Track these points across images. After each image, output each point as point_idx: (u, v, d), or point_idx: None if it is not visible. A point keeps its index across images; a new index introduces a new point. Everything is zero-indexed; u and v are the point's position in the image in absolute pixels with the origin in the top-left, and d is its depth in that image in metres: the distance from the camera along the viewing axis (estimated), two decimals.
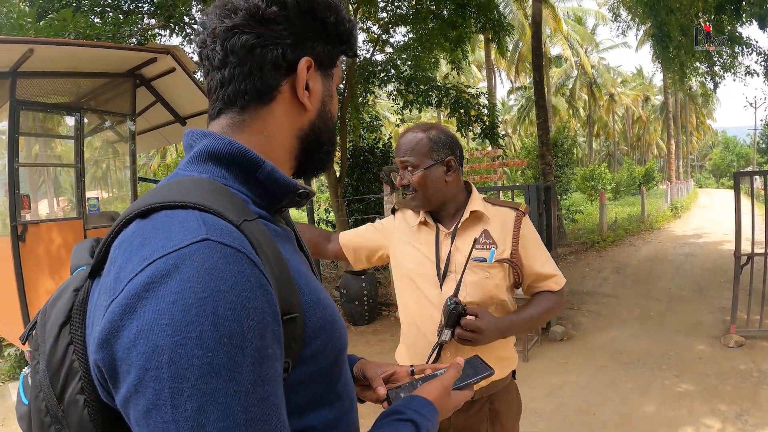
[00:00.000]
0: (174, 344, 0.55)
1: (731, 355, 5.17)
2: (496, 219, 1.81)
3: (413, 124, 1.91)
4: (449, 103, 9.63)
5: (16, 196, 4.80)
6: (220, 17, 0.77)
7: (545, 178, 10.83)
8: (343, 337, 0.79)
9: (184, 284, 0.56)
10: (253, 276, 0.61)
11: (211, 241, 0.60)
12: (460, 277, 1.69)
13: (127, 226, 0.67)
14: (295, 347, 0.69)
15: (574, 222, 16.77)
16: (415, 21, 9.73)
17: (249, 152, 0.75)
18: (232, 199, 0.70)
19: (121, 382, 0.58)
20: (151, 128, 7.17)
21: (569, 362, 5.29)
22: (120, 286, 0.59)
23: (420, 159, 1.76)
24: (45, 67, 4.92)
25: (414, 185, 1.77)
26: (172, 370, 0.54)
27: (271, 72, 0.77)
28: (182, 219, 0.63)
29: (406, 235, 1.90)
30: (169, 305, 0.56)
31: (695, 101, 49.71)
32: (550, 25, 31.59)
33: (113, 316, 0.58)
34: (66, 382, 0.67)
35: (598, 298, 7.87)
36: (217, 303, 0.56)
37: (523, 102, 45.61)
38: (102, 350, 0.58)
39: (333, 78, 0.87)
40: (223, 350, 0.56)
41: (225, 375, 0.56)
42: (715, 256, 10.97)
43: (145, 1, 8.23)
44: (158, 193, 0.68)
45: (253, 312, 0.59)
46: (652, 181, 34.91)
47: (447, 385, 0.98)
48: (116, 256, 0.64)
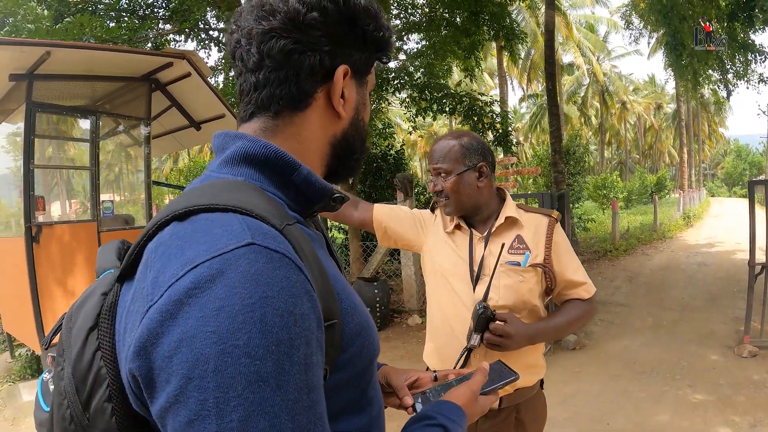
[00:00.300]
0: (220, 352, 0.53)
1: (745, 365, 5.13)
2: (529, 225, 1.84)
3: (446, 132, 1.94)
4: (463, 110, 9.64)
5: (31, 197, 4.83)
6: (257, 18, 0.75)
7: (558, 186, 10.78)
8: (376, 343, 0.78)
9: (230, 290, 0.55)
10: (299, 281, 0.59)
11: (256, 245, 0.58)
12: (489, 280, 1.72)
13: (162, 228, 0.65)
14: (333, 354, 0.67)
15: (586, 231, 16.68)
16: (428, 28, 9.78)
17: (285, 155, 0.74)
18: (271, 202, 0.69)
19: (159, 392, 0.55)
20: (165, 132, 7.21)
21: (582, 371, 5.24)
22: (159, 292, 0.57)
23: (452, 165, 1.80)
24: (61, 69, 4.96)
25: (447, 191, 1.81)
26: (217, 379, 0.53)
27: (307, 79, 0.76)
28: (225, 222, 0.61)
29: (443, 235, 1.92)
30: (215, 312, 0.54)
31: (707, 109, 49.41)
32: (563, 32, 31.53)
33: (152, 323, 0.56)
34: (93, 389, 0.64)
35: (611, 307, 7.81)
36: (265, 310, 0.55)
37: (535, 110, 45.54)
38: (138, 359, 0.56)
39: (367, 85, 0.86)
40: (271, 358, 0.54)
41: (272, 383, 0.54)
42: (728, 265, 10.88)
43: (160, 6, 8.32)
44: (194, 195, 0.66)
45: (300, 319, 0.58)
46: (664, 190, 34.68)
47: (475, 389, 0.98)
48: (153, 260, 0.61)
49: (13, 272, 5.24)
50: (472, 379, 1.00)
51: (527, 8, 24.75)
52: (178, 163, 36.28)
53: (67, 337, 0.70)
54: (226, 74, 10.05)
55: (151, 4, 8.33)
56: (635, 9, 15.25)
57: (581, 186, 18.04)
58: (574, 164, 16.66)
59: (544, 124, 41.76)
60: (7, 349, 6.27)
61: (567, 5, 31.00)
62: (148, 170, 6.09)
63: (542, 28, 16.73)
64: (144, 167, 6.07)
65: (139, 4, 8.16)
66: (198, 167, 17.81)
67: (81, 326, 0.68)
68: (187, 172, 18.65)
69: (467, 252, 1.83)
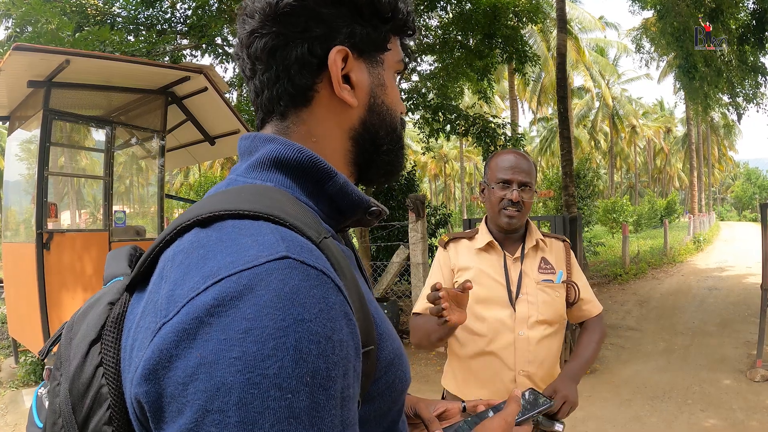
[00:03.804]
0: (245, 383, 0.45)
1: (757, 390, 5.06)
2: (551, 248, 1.97)
3: (507, 148, 1.98)
4: (475, 132, 9.69)
5: (44, 203, 4.86)
6: (241, 24, 0.71)
7: (569, 209, 10.73)
8: (408, 372, 0.70)
9: (260, 310, 0.47)
10: (338, 303, 0.52)
11: (291, 259, 0.51)
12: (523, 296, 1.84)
13: (182, 234, 0.57)
14: (365, 383, 0.60)
15: (595, 255, 16.58)
16: (441, 50, 9.86)
17: (320, 161, 0.67)
18: (306, 212, 0.62)
19: (169, 424, 0.48)
20: (179, 146, 7.28)
21: (593, 395, 5.17)
22: (175, 308, 0.50)
23: (533, 181, 1.90)
24: (79, 79, 5.03)
25: (525, 204, 1.88)
26: (241, 414, 0.45)
27: (299, 72, 0.69)
28: (255, 231, 0.54)
29: (466, 262, 1.95)
30: (240, 335, 0.47)
31: (717, 133, 49.38)
32: (573, 56, 31.72)
33: (165, 343, 0.48)
34: (91, 409, 0.56)
35: (622, 332, 7.74)
36: (299, 334, 0.48)
37: (545, 133, 45.66)
38: (147, 383, 0.49)
39: (384, 64, 0.76)
40: (305, 391, 0.47)
41: (305, 421, 0.47)
42: (739, 289, 10.79)
43: (178, 21, 8.44)
44: (219, 200, 0.59)
45: (339, 346, 0.50)
46: (674, 214, 34.50)
47: (510, 420, 0.90)
48: (168, 270, 0.54)
49: (21, 278, 5.27)
50: (506, 410, 0.93)
51: (539, 32, 24.98)
52: (188, 178, 36.56)
53: (66, 349, 0.62)
54: (239, 90, 10.17)
55: (169, 19, 8.46)
56: (646, 33, 15.33)
57: (591, 210, 17.97)
58: (584, 188, 16.62)
59: (554, 148, 41.87)
60: (11, 354, 6.27)
61: (577, 29, 31.20)
62: (161, 183, 6.12)
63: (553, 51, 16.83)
64: (157, 180, 6.11)
65: (157, 19, 8.29)
66: (209, 182, 17.93)
67: (82, 338, 0.60)
68: (198, 187, 18.78)
69: (503, 274, 1.88)
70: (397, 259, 7.55)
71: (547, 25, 17.10)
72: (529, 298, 1.83)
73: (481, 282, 1.86)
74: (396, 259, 7.59)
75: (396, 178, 0.84)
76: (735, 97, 13.16)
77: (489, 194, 1.91)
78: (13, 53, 4.27)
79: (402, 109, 0.81)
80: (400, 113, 0.80)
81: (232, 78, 10.31)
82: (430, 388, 5.34)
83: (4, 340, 7.24)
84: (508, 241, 1.95)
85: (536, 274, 1.88)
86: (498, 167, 1.89)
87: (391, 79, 0.77)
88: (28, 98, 5.39)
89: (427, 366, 6.34)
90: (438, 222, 10.83)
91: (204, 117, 6.51)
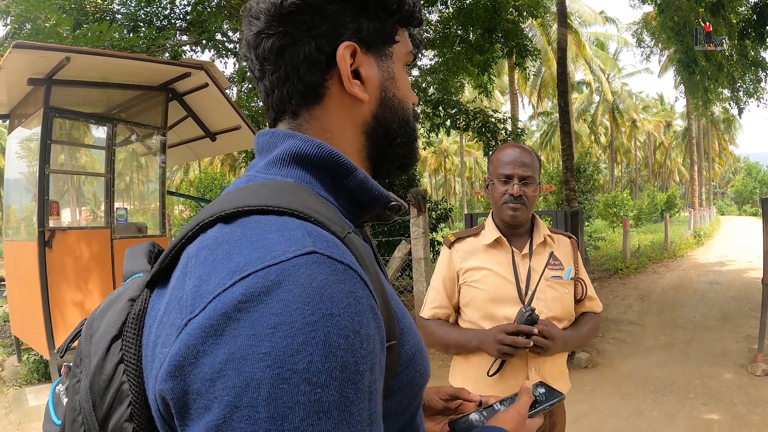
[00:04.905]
0: (275, 377, 0.46)
1: (758, 384, 5.06)
2: (559, 244, 1.96)
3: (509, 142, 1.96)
4: (476, 127, 9.68)
5: (46, 201, 4.86)
6: (248, 25, 0.71)
7: (569, 204, 10.73)
8: (428, 367, 0.70)
9: (288, 305, 0.48)
10: (364, 297, 0.53)
11: (318, 254, 0.51)
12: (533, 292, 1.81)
13: (205, 230, 0.57)
14: (387, 377, 0.60)
15: (596, 249, 16.58)
16: (442, 45, 9.84)
17: (340, 156, 0.67)
18: (329, 207, 0.62)
19: (194, 420, 0.48)
20: (180, 143, 7.26)
21: (595, 389, 5.18)
22: (201, 304, 0.50)
23: (536, 175, 1.89)
24: (79, 76, 5.02)
25: (529, 198, 1.86)
26: (271, 409, 0.45)
27: (308, 70, 0.69)
28: (281, 227, 0.54)
29: (474, 261, 1.92)
30: (269, 330, 0.47)
31: (717, 127, 49.34)
32: (573, 50, 31.66)
33: (192, 340, 0.48)
34: (112, 406, 0.56)
35: (623, 326, 7.75)
36: (329, 329, 0.48)
37: (545, 128, 45.61)
38: (172, 379, 0.49)
39: (393, 56, 0.75)
40: (334, 385, 0.47)
41: (335, 415, 0.47)
42: (739, 284, 10.80)
43: (177, 17, 8.42)
44: (241, 196, 0.59)
45: (366, 340, 0.51)
46: (674, 208, 34.50)
47: (523, 413, 0.92)
48: (193, 266, 0.54)
49: (23, 276, 5.27)
50: (518, 402, 0.95)
51: (539, 26, 24.92)
52: (189, 175, 36.55)
53: (87, 345, 0.62)
54: (239, 86, 10.15)
55: (168, 15, 8.45)
56: (646, 27, 15.30)
57: (592, 204, 17.97)
58: (584, 182, 16.62)
59: (554, 142, 41.83)
60: (14, 352, 6.28)
61: (577, 23, 31.13)
62: (162, 179, 6.12)
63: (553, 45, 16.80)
64: (159, 176, 6.11)
65: (156, 15, 8.27)
66: (209, 179, 17.91)
67: (103, 334, 0.60)
68: (198, 183, 18.76)
69: (511, 271, 1.87)
70: (399, 255, 7.53)
71: (547, 19, 17.06)
72: (539, 295, 1.81)
73: (491, 281, 1.86)
74: (397, 255, 7.57)
75: (410, 170, 0.83)
76: (735, 92, 13.15)
77: (492, 190, 1.91)
78: (12, 51, 4.25)
79: (414, 99, 0.81)
80: (412, 105, 0.80)
81: (233, 74, 10.29)
82: (433, 383, 5.34)
83: (7, 338, 7.24)
84: (516, 237, 1.93)
85: (547, 271, 1.87)
86: (499, 162, 1.89)
87: (401, 71, 0.77)
88: (28, 96, 5.38)
89: (432, 361, 6.34)
90: (439, 217, 10.84)
91: (204, 113, 6.49)
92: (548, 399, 1.06)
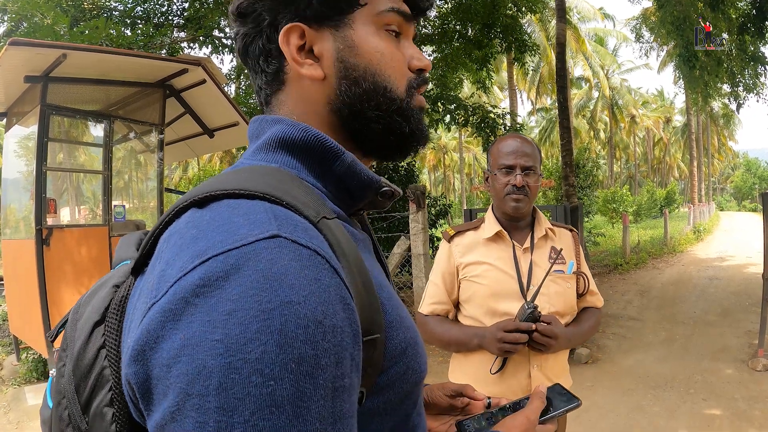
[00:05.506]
0: (226, 366, 0.44)
1: (759, 379, 5.06)
2: (560, 237, 1.92)
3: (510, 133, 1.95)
4: (475, 122, 9.66)
5: (43, 199, 4.84)
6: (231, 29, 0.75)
7: (569, 199, 10.72)
8: (423, 363, 0.67)
9: (245, 291, 0.45)
10: (332, 286, 0.50)
11: (282, 238, 0.49)
12: (538, 288, 1.75)
13: (179, 216, 0.56)
14: (372, 373, 0.57)
15: (596, 245, 16.59)
16: (440, 41, 9.81)
17: (327, 140, 0.65)
18: (309, 192, 0.60)
19: (156, 405, 0.47)
20: (178, 139, 7.25)
21: (595, 385, 5.17)
22: (164, 288, 0.48)
23: (537, 165, 1.85)
24: (76, 73, 5.00)
25: (531, 189, 1.82)
26: (221, 400, 0.43)
27: (267, 61, 0.70)
28: (248, 210, 0.52)
29: (474, 255, 1.88)
30: (224, 316, 0.45)
31: (717, 123, 49.34)
32: (572, 46, 31.62)
33: (152, 324, 0.47)
34: (94, 390, 0.56)
35: (623, 321, 7.74)
36: (286, 318, 0.45)
37: (544, 124, 45.60)
38: (135, 364, 0.48)
39: (355, 23, 0.69)
40: (289, 378, 0.44)
41: (289, 410, 0.44)
42: (739, 279, 10.80)
43: (175, 14, 8.40)
44: (219, 181, 0.58)
45: (331, 332, 0.48)
46: (673, 204, 34.52)
47: (533, 418, 0.86)
48: (163, 251, 0.53)
49: (22, 274, 5.25)
50: (529, 407, 0.88)
51: (538, 22, 24.88)
52: (187, 172, 36.49)
53: (72, 330, 0.62)
54: (237, 82, 10.13)
55: (166, 12, 8.42)
56: (645, 22, 15.28)
57: (591, 200, 17.97)
58: (583, 178, 16.60)
59: (553, 138, 41.83)
60: (13, 351, 6.26)
61: (576, 19, 31.08)
62: (160, 177, 6.10)
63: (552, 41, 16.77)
64: (156, 174, 6.09)
65: (153, 12, 8.24)
66: (207, 176, 17.92)
67: (87, 320, 0.60)
68: (197, 181, 18.75)
69: (513, 265, 1.82)
70: (398, 250, 7.52)
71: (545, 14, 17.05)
72: (541, 290, 1.75)
73: (492, 276, 1.82)
74: (397, 251, 7.56)
75: (415, 149, 0.76)
76: (735, 87, 13.12)
77: (493, 181, 1.87)
78: (9, 48, 4.23)
79: (414, 65, 0.74)
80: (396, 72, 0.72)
81: (230, 70, 10.27)
82: (432, 380, 5.34)
83: (6, 337, 7.23)
84: (517, 230, 1.89)
85: (547, 265, 1.81)
86: (500, 153, 1.85)
87: (369, 35, 0.70)
88: (25, 94, 5.35)
89: (430, 357, 6.35)
90: (438, 213, 10.81)
91: (202, 109, 6.47)
92: (563, 404, 0.96)
